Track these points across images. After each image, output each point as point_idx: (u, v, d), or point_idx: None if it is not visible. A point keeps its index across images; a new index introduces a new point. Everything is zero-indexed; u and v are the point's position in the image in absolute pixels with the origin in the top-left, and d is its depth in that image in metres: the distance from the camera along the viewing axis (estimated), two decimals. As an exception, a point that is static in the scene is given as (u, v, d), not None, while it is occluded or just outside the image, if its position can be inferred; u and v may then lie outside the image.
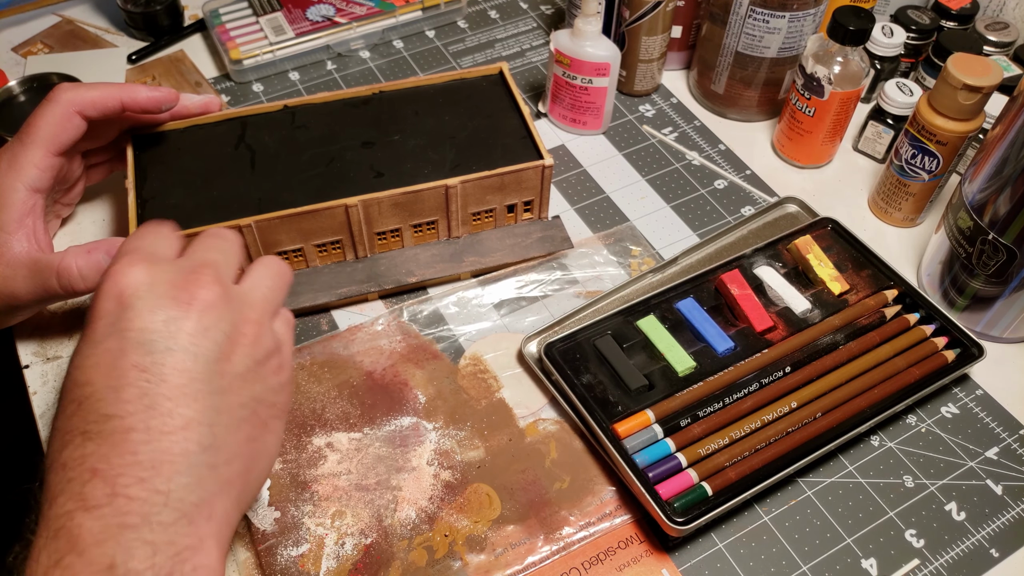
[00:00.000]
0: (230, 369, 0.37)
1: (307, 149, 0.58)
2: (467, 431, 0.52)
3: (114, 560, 0.31)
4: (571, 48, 0.65)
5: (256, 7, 0.78)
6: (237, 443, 0.37)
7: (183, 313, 0.36)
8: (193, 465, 0.34)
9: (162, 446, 0.34)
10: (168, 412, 0.34)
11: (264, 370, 0.39)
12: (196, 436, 0.35)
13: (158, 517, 0.33)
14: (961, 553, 0.48)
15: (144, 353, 0.35)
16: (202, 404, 0.35)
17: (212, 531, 0.35)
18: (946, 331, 0.55)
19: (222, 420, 0.36)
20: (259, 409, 0.38)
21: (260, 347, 0.38)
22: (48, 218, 0.55)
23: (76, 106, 0.51)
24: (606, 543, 0.48)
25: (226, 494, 0.36)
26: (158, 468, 0.33)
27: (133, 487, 0.33)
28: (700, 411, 0.50)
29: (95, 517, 0.32)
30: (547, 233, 0.61)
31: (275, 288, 0.41)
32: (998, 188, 0.50)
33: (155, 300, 0.36)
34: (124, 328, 0.35)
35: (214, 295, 0.37)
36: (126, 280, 0.36)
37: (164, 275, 0.37)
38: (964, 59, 0.55)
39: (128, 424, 0.33)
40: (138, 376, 0.34)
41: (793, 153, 0.69)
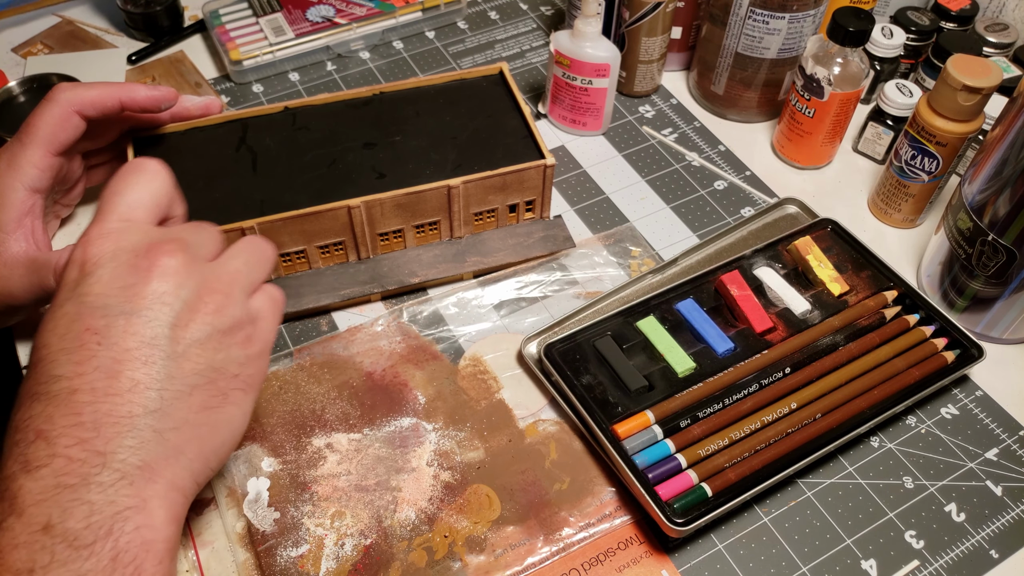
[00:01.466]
0: (186, 335, 0.37)
1: (308, 150, 0.58)
2: (467, 432, 0.52)
3: (50, 519, 0.32)
4: (571, 49, 0.65)
5: (256, 8, 0.78)
6: (188, 409, 0.36)
7: (142, 279, 0.36)
8: (137, 428, 0.34)
9: (105, 408, 0.34)
10: (115, 374, 0.34)
11: (229, 340, 0.38)
12: (142, 399, 0.35)
13: (97, 478, 0.33)
14: (961, 554, 0.48)
15: (99, 317, 0.35)
16: (152, 368, 0.35)
17: (157, 493, 0.35)
18: (946, 332, 0.55)
19: (173, 385, 0.36)
20: (218, 379, 0.38)
21: (224, 316, 0.38)
22: (47, 218, 0.55)
23: (75, 106, 0.51)
24: (606, 544, 0.48)
25: (174, 459, 0.36)
26: (100, 429, 0.34)
27: (74, 448, 0.33)
28: (700, 412, 0.50)
29: (35, 478, 0.33)
30: (549, 233, 0.61)
31: (251, 263, 0.41)
32: (998, 189, 0.50)
33: (116, 267, 0.36)
34: (83, 293, 0.36)
35: (176, 262, 0.37)
36: (92, 249, 0.37)
37: (129, 243, 0.37)
38: (964, 60, 0.55)
39: (75, 385, 0.34)
40: (91, 339, 0.35)
41: (793, 154, 0.69)
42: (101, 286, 0.36)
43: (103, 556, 0.32)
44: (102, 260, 0.37)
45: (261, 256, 0.42)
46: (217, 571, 0.46)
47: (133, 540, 0.33)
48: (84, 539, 0.32)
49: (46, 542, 0.32)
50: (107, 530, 0.33)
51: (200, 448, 0.37)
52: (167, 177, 0.42)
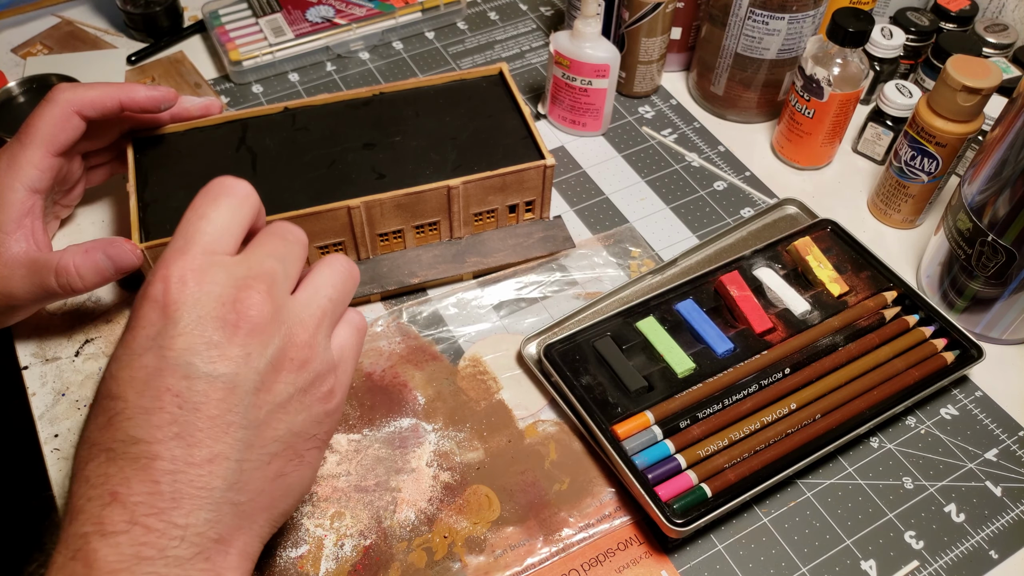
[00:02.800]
0: (270, 399, 0.35)
1: (308, 151, 0.58)
2: (466, 432, 0.52)
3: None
4: (571, 49, 0.65)
5: (256, 8, 0.78)
6: (265, 479, 0.35)
7: (227, 337, 0.34)
8: (216, 501, 0.33)
9: (186, 478, 0.33)
10: (197, 443, 0.33)
11: (309, 398, 0.36)
12: (222, 471, 0.33)
13: (175, 551, 0.32)
14: (961, 555, 0.48)
15: (181, 376, 0.33)
16: (233, 438, 0.34)
17: (230, 565, 0.34)
18: (945, 333, 0.55)
19: (252, 456, 0.34)
20: (296, 443, 0.36)
21: (307, 372, 0.36)
22: (47, 219, 0.55)
23: (75, 106, 0.51)
24: (605, 544, 0.48)
25: (247, 529, 0.35)
26: (179, 501, 0.32)
27: (152, 518, 0.32)
28: (699, 412, 0.50)
29: (111, 544, 0.31)
30: (549, 233, 0.61)
31: (338, 295, 0.38)
32: (997, 190, 0.50)
33: (200, 318, 0.34)
34: (165, 346, 0.34)
35: (264, 315, 0.35)
36: (174, 290, 0.34)
37: (214, 287, 0.35)
38: (963, 61, 0.55)
39: (154, 451, 0.32)
40: (171, 400, 0.33)
41: (792, 155, 0.69)
42: (184, 340, 0.33)
43: None
44: (186, 305, 0.34)
45: (348, 283, 0.39)
46: (217, 572, 0.46)
47: None
48: None
49: None
50: None
51: (271, 513, 0.36)
52: (256, 201, 0.39)
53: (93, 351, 0.55)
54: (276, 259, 0.37)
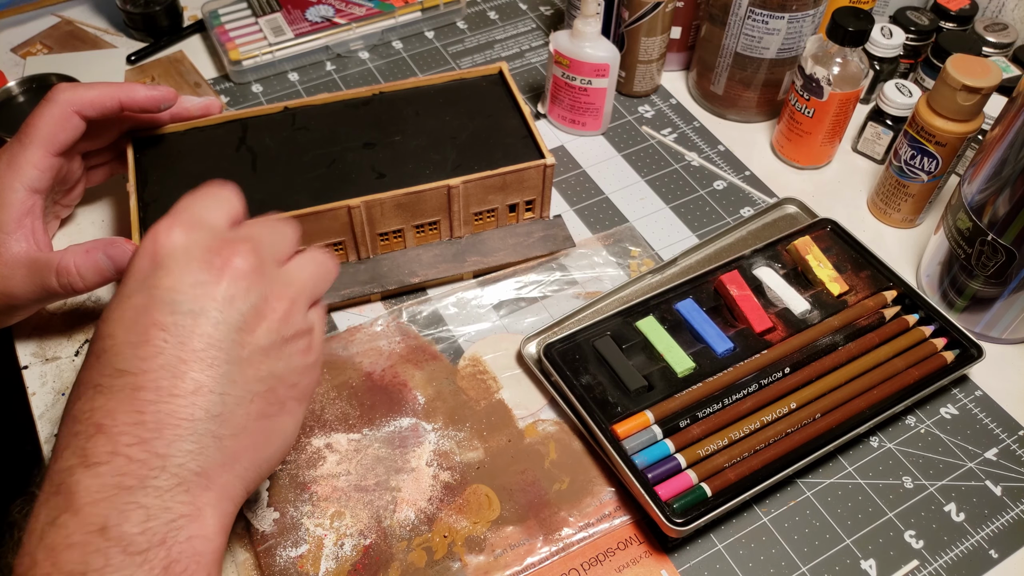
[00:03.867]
0: (252, 340, 0.36)
1: (308, 150, 0.58)
2: (466, 432, 0.52)
3: (107, 522, 0.31)
4: (570, 49, 0.65)
5: (255, 8, 0.78)
6: (247, 416, 0.36)
7: (213, 278, 0.36)
8: (197, 432, 0.34)
9: (169, 408, 0.33)
10: (181, 374, 0.34)
11: (290, 348, 0.38)
12: (205, 403, 0.34)
13: (155, 482, 0.32)
14: (960, 554, 0.48)
15: (168, 312, 0.34)
16: (216, 371, 0.35)
17: (211, 501, 0.34)
18: (945, 332, 0.55)
19: (235, 391, 0.35)
20: (278, 387, 0.37)
21: (289, 324, 0.38)
22: (47, 219, 0.55)
23: (74, 106, 0.51)
24: (605, 544, 0.48)
25: (230, 467, 0.35)
26: (161, 431, 0.33)
27: (134, 447, 0.33)
28: (699, 412, 0.50)
29: (93, 475, 0.32)
30: (549, 232, 0.61)
31: (317, 276, 0.40)
32: (997, 189, 0.50)
33: (188, 262, 0.36)
34: (153, 285, 0.35)
35: (248, 265, 0.36)
36: (163, 239, 0.36)
37: (202, 239, 0.37)
38: (963, 60, 0.55)
39: (139, 382, 0.33)
40: (157, 334, 0.34)
41: (792, 154, 0.69)
42: (172, 280, 0.35)
43: (155, 564, 0.32)
44: (174, 253, 0.36)
45: (327, 272, 0.41)
46: (217, 571, 0.46)
47: (185, 550, 0.33)
48: (138, 545, 0.31)
49: (101, 545, 0.31)
50: (161, 538, 0.32)
51: (254, 457, 0.37)
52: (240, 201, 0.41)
53: (93, 351, 0.55)
54: (266, 231, 0.40)
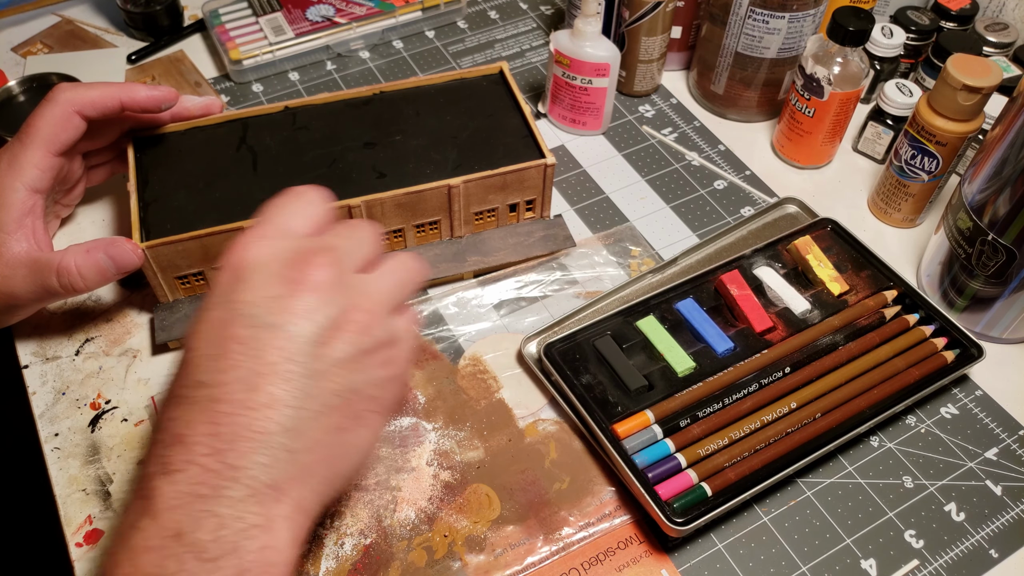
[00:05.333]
0: (328, 354, 0.36)
1: (309, 150, 0.58)
2: (467, 431, 0.52)
3: (182, 528, 0.32)
4: (571, 48, 0.65)
5: (256, 7, 0.78)
6: (322, 430, 0.36)
7: (290, 291, 0.36)
8: (271, 445, 0.34)
9: (243, 421, 0.34)
10: (256, 387, 0.34)
11: (369, 361, 0.37)
12: (279, 416, 0.34)
13: (228, 492, 0.33)
14: (960, 554, 0.48)
15: (246, 326, 0.35)
16: (292, 385, 0.35)
17: (283, 513, 0.34)
18: (946, 332, 0.55)
19: (310, 404, 0.35)
20: (355, 401, 0.37)
21: (368, 337, 0.37)
22: (48, 219, 0.55)
23: (75, 106, 0.51)
24: (605, 543, 0.48)
25: (303, 481, 0.35)
26: (235, 442, 0.33)
27: (209, 458, 0.33)
28: (700, 411, 0.50)
29: (171, 482, 0.33)
30: (549, 232, 0.61)
31: (401, 284, 0.40)
32: (997, 189, 0.50)
33: (267, 276, 0.36)
34: (233, 300, 0.36)
35: (326, 277, 0.37)
36: (244, 253, 0.37)
37: (282, 253, 0.37)
38: (964, 60, 0.55)
39: (217, 394, 0.34)
40: (235, 348, 0.35)
41: (793, 154, 0.69)
42: (250, 294, 0.36)
43: (227, 572, 0.32)
44: (254, 266, 0.37)
45: (411, 277, 0.41)
46: (217, 570, 0.46)
47: (257, 560, 0.33)
48: (211, 552, 0.32)
49: (176, 550, 0.32)
50: (233, 546, 0.32)
51: (329, 471, 0.37)
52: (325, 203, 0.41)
53: (93, 350, 0.55)
54: (346, 239, 0.40)
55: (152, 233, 0.53)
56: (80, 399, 0.53)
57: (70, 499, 0.49)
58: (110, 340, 0.56)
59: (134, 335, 0.56)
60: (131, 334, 0.56)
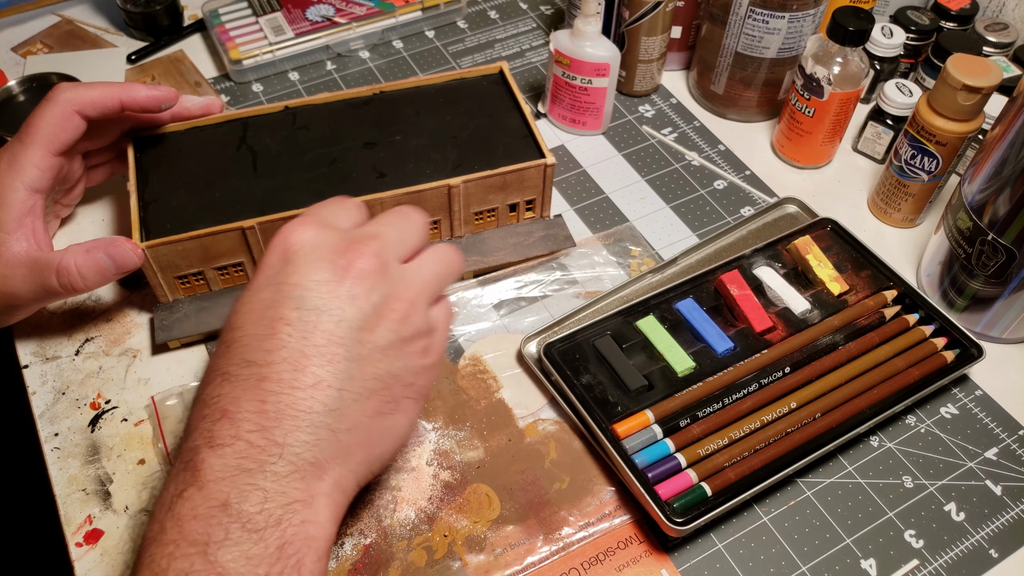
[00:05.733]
0: (371, 339, 0.37)
1: (309, 150, 0.58)
2: (466, 431, 0.52)
3: (228, 499, 0.33)
4: (571, 48, 0.65)
5: (256, 7, 0.78)
6: (363, 413, 0.37)
7: (338, 277, 0.37)
8: (314, 424, 0.35)
9: (289, 400, 0.35)
10: (302, 368, 0.36)
11: (408, 348, 0.39)
12: (323, 396, 0.36)
13: (273, 467, 0.34)
14: (960, 553, 0.48)
15: (293, 307, 0.36)
16: (336, 367, 0.36)
17: (324, 490, 0.36)
18: (945, 332, 0.55)
19: (352, 387, 0.37)
20: (394, 386, 0.38)
21: (408, 325, 0.39)
22: (48, 218, 0.55)
23: (75, 105, 0.51)
24: (605, 543, 0.48)
25: (343, 460, 0.37)
26: (280, 420, 0.35)
27: (255, 434, 0.34)
28: (699, 411, 0.50)
29: (218, 455, 0.34)
30: (549, 232, 0.61)
31: (440, 275, 0.42)
32: (997, 189, 0.50)
33: (315, 260, 0.38)
34: (281, 282, 0.37)
35: (371, 266, 0.38)
36: (294, 237, 0.38)
37: (329, 239, 0.39)
38: (963, 60, 0.55)
39: (264, 373, 0.35)
40: (283, 328, 0.36)
41: (793, 154, 0.69)
42: (299, 276, 0.37)
43: (271, 543, 0.33)
44: (303, 251, 0.38)
45: (451, 268, 0.42)
46: (217, 570, 0.46)
47: (299, 533, 0.34)
48: (256, 523, 0.33)
49: (222, 519, 0.33)
50: (277, 519, 0.34)
51: (368, 453, 0.38)
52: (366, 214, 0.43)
53: (93, 350, 0.55)
54: (391, 228, 0.41)
55: (152, 233, 0.53)
56: (80, 399, 0.53)
57: (70, 499, 0.49)
58: (110, 340, 0.56)
59: (134, 335, 0.56)
60: (131, 334, 0.56)
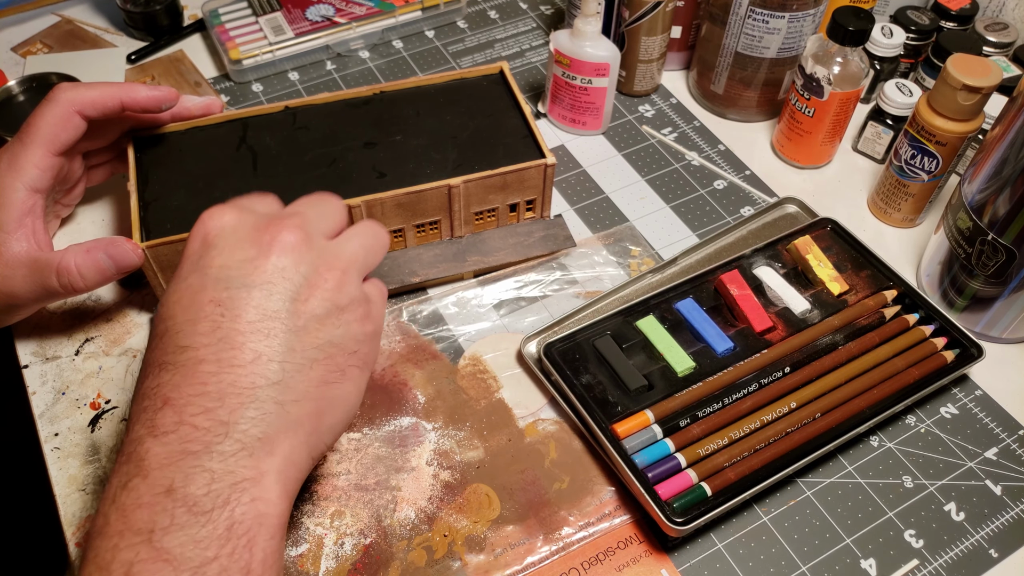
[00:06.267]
0: (307, 310, 0.37)
1: (309, 150, 0.58)
2: (466, 431, 0.52)
3: (173, 483, 0.33)
4: (571, 48, 0.65)
5: (255, 7, 0.78)
6: (308, 383, 0.37)
7: (263, 253, 0.37)
8: (259, 399, 0.35)
9: (230, 378, 0.35)
10: (239, 346, 0.35)
11: (347, 316, 0.39)
12: (264, 371, 0.36)
13: (219, 447, 0.34)
14: (960, 553, 0.48)
15: (221, 289, 0.36)
16: (274, 340, 0.36)
17: (274, 467, 0.35)
18: (945, 331, 0.55)
19: (294, 358, 0.37)
20: (337, 355, 0.38)
21: (343, 294, 0.39)
22: (48, 218, 0.55)
23: (76, 106, 0.51)
24: (605, 543, 0.48)
25: (293, 433, 0.36)
26: (224, 399, 0.34)
27: (199, 416, 0.34)
28: (699, 411, 0.50)
29: (161, 443, 0.34)
30: (549, 232, 0.61)
31: (368, 248, 0.42)
32: (997, 188, 0.50)
33: (237, 240, 0.38)
34: (205, 265, 0.37)
35: (296, 238, 0.38)
36: (213, 222, 0.38)
37: (249, 219, 0.39)
38: (963, 60, 0.55)
39: (200, 355, 0.35)
40: (214, 310, 0.36)
41: (792, 153, 0.69)
42: (223, 258, 0.37)
43: (219, 524, 0.33)
44: (223, 232, 0.38)
45: (377, 242, 0.43)
46: (217, 570, 0.46)
47: (248, 512, 0.34)
48: (203, 506, 0.33)
49: (167, 505, 0.33)
50: (224, 499, 0.33)
51: (317, 423, 0.38)
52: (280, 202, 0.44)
53: (93, 350, 0.55)
54: (312, 207, 0.41)
55: (152, 233, 0.53)
56: (80, 399, 0.53)
57: (70, 499, 0.49)
58: (110, 340, 0.56)
59: (134, 335, 0.56)
60: (131, 334, 0.56)
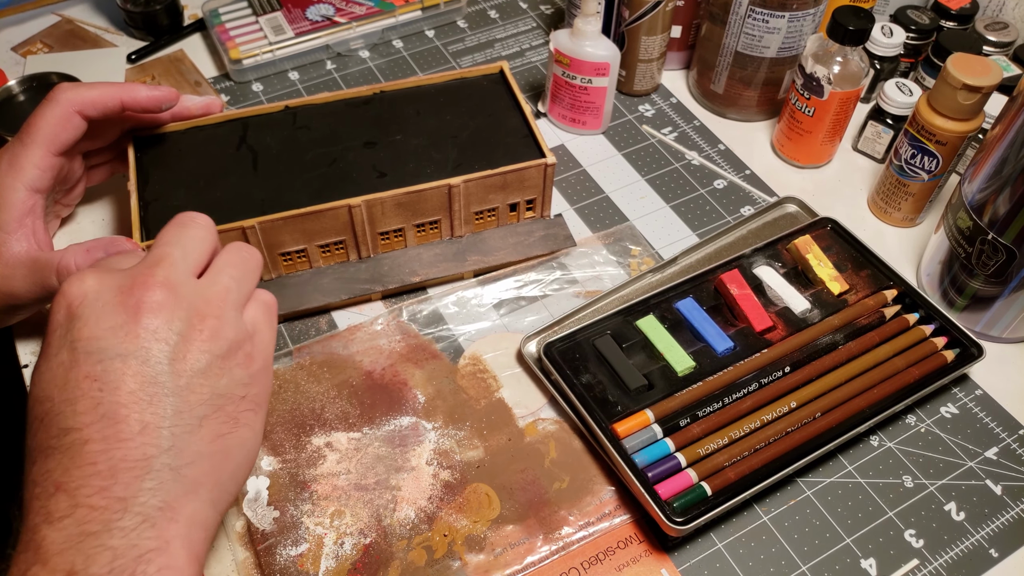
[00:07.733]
0: (187, 368, 0.36)
1: (309, 149, 0.58)
2: (466, 431, 0.52)
3: (74, 566, 0.32)
4: (571, 48, 0.65)
5: (256, 7, 0.78)
6: (201, 442, 0.36)
7: (131, 317, 0.36)
8: (154, 469, 0.34)
9: (120, 454, 0.34)
10: (124, 418, 0.34)
11: (229, 363, 0.38)
12: (154, 440, 0.34)
13: (119, 523, 0.33)
14: (960, 553, 0.48)
15: (95, 362, 0.35)
16: (159, 407, 0.35)
17: (178, 533, 0.34)
18: (945, 331, 0.55)
19: (182, 420, 0.35)
20: (225, 405, 0.37)
21: (220, 340, 0.37)
22: (48, 218, 0.55)
23: (76, 106, 0.51)
24: (605, 543, 0.48)
25: (194, 495, 0.35)
26: (116, 476, 0.33)
27: (94, 496, 0.33)
28: (699, 411, 0.50)
29: (58, 529, 0.33)
30: (549, 231, 0.61)
31: (240, 277, 0.40)
32: (997, 188, 0.50)
33: (102, 307, 0.36)
34: (74, 339, 0.35)
35: (162, 296, 0.36)
36: (74, 290, 0.36)
37: (112, 281, 0.37)
38: (964, 59, 0.55)
39: (85, 436, 0.34)
40: (91, 386, 0.34)
41: (793, 153, 0.69)
42: (90, 328, 0.35)
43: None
44: (87, 299, 0.36)
45: (247, 265, 0.41)
46: (216, 570, 0.46)
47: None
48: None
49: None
50: (130, 573, 0.32)
51: (218, 477, 0.37)
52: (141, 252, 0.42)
53: (94, 350, 0.55)
54: (173, 245, 0.39)
55: (152, 233, 0.53)
56: (80, 399, 0.53)
57: (70, 498, 0.49)
58: (110, 340, 0.56)
59: (134, 335, 0.56)
60: (131, 334, 0.56)
